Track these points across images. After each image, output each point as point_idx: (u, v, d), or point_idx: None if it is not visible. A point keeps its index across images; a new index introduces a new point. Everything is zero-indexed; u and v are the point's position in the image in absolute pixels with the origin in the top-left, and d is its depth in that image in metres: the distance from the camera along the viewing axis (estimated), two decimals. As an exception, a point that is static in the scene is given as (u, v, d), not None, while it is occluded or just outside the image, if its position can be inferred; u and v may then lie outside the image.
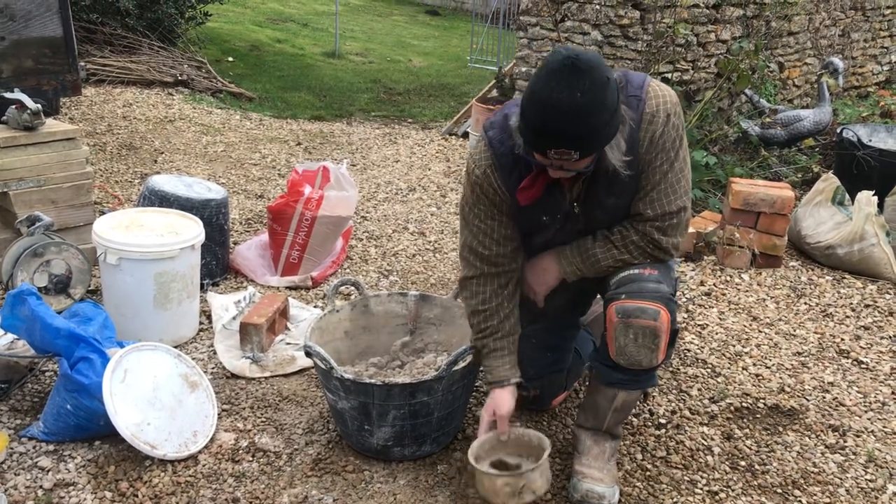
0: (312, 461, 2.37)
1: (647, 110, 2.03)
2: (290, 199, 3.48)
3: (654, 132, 2.04)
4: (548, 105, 1.83)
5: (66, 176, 3.31)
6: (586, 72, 1.81)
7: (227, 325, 3.06)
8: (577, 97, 1.80)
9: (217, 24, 10.06)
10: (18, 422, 2.46)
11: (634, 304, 2.06)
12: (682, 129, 2.10)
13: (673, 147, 2.07)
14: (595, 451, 2.29)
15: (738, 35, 5.55)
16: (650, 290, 2.08)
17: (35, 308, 2.38)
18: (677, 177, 2.10)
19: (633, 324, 2.06)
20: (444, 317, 2.71)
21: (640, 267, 2.15)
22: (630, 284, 2.11)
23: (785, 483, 2.40)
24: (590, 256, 2.20)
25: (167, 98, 6.59)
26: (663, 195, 2.11)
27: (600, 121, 1.85)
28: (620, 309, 2.07)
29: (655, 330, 2.05)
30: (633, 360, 2.11)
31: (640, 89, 2.05)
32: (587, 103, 1.81)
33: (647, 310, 2.05)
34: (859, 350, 3.23)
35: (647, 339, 2.07)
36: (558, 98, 1.81)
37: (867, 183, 4.23)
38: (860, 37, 7.26)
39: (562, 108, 1.81)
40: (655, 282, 2.10)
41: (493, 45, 10.53)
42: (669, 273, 2.19)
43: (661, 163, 2.07)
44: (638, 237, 2.15)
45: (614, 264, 2.19)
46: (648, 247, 2.15)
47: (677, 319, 2.12)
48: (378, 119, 6.97)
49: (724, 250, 3.98)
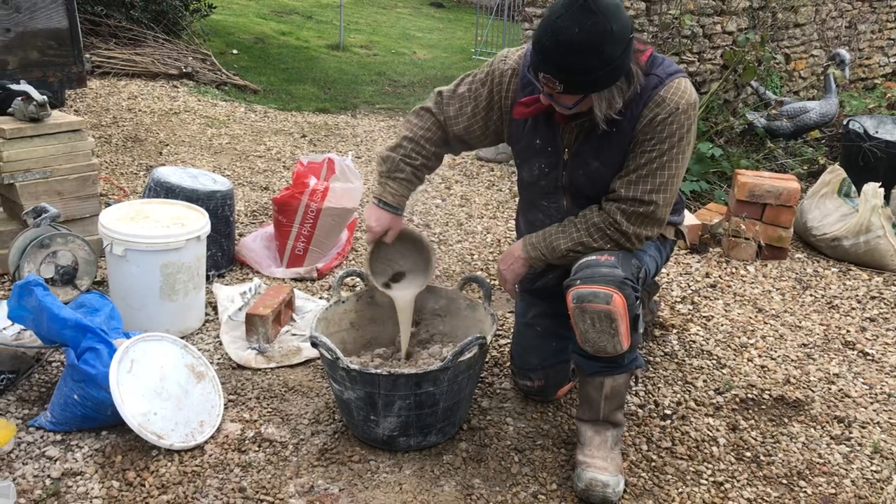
0: (318, 451, 2.38)
1: (661, 93, 2.07)
2: (296, 191, 3.48)
3: (657, 115, 2.06)
4: (549, 28, 1.93)
5: (71, 167, 3.32)
6: (593, 13, 1.88)
7: (233, 317, 3.07)
8: (574, 32, 1.88)
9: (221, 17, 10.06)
10: (26, 411, 2.47)
11: (587, 288, 2.08)
12: (685, 131, 2.10)
13: (669, 140, 2.08)
14: (597, 440, 2.29)
15: (745, 26, 5.53)
16: (602, 275, 2.09)
17: (42, 299, 2.39)
18: (661, 170, 2.11)
19: (587, 308, 2.08)
20: (450, 308, 2.72)
21: (597, 253, 2.18)
22: (585, 270, 2.13)
23: (790, 474, 2.41)
24: (552, 241, 2.25)
25: (172, 90, 6.59)
26: (641, 181, 2.13)
27: (590, 64, 1.92)
28: (575, 295, 2.09)
29: (610, 314, 2.06)
30: (598, 347, 2.13)
31: (669, 76, 2.09)
32: (581, 41, 1.89)
33: (598, 294, 2.06)
34: (865, 342, 3.23)
35: (603, 323, 2.08)
36: (559, 26, 1.90)
37: (873, 174, 4.22)
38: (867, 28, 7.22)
39: (558, 36, 1.90)
40: (610, 266, 2.11)
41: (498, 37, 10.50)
42: (629, 259, 2.19)
43: (651, 149, 2.09)
44: (599, 219, 2.17)
45: (574, 248, 2.22)
46: (609, 229, 2.17)
47: (638, 304, 2.12)
48: (383, 111, 6.96)
49: (729, 242, 3.97)
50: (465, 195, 4.74)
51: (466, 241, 4.06)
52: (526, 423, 2.57)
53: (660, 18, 4.86)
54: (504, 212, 4.49)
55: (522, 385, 2.66)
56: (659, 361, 2.98)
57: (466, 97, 2.35)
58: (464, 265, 3.77)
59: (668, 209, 2.21)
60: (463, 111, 2.35)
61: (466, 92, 2.35)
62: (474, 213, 4.47)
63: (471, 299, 2.68)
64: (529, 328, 2.59)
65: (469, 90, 2.34)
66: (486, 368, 2.85)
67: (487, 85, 2.31)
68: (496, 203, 4.62)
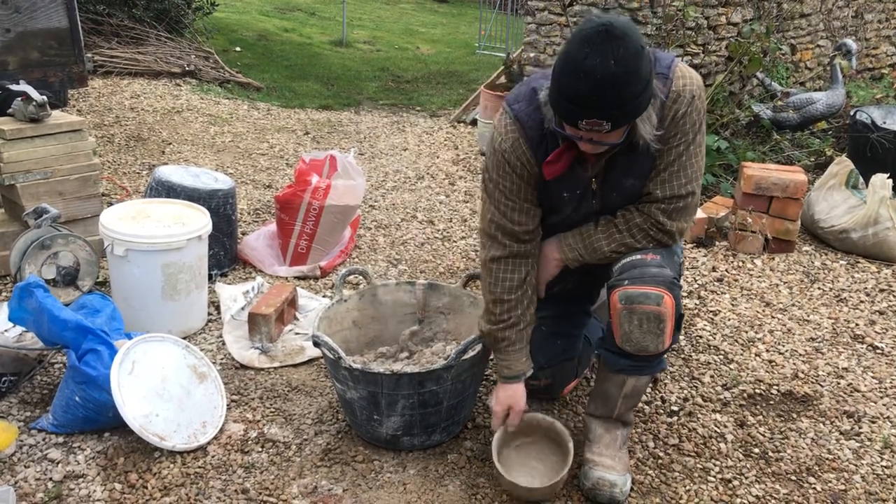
0: (322, 451, 2.36)
1: (674, 89, 2.00)
2: (298, 189, 3.46)
3: (678, 111, 2.01)
4: (581, 73, 1.78)
5: (72, 168, 3.30)
6: (620, 38, 1.76)
7: (236, 316, 3.05)
8: (610, 65, 1.75)
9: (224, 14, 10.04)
10: (28, 414, 2.46)
11: (637, 289, 2.03)
12: (702, 114, 2.06)
13: (692, 129, 2.04)
14: (606, 438, 2.26)
15: (749, 17, 5.48)
16: (652, 275, 2.05)
17: (42, 300, 2.38)
18: (691, 160, 2.07)
19: (636, 310, 2.04)
20: (453, 306, 2.69)
21: (642, 252, 2.12)
22: (632, 270, 2.08)
23: (799, 470, 2.38)
24: (592, 241, 2.18)
25: (175, 89, 6.58)
26: (674, 177, 2.08)
27: (634, 91, 1.81)
28: (623, 295, 2.05)
29: (660, 315, 2.03)
30: (640, 346, 2.09)
31: (668, 68, 2.02)
32: (621, 72, 1.76)
33: (650, 295, 2.02)
34: (874, 335, 3.19)
35: (651, 324, 2.04)
36: (592, 65, 1.76)
37: (881, 166, 4.17)
38: (874, 18, 7.16)
39: (595, 76, 1.76)
40: (658, 266, 2.07)
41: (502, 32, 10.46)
42: (672, 257, 2.15)
43: (678, 143, 2.04)
44: (642, 219, 2.12)
45: (617, 249, 2.16)
46: (652, 230, 2.12)
47: (682, 303, 2.09)
48: (386, 107, 6.94)
49: (736, 235, 3.94)
50: (468, 191, 4.71)
51: (470, 238, 4.03)
52: (531, 420, 2.55)
53: (664, 10, 4.82)
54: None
55: (528, 384, 2.63)
56: (665, 357, 2.95)
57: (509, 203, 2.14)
58: (468, 262, 3.74)
59: (700, 192, 2.17)
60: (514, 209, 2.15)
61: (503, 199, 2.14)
62: (478, 208, 4.45)
63: (475, 296, 2.65)
64: (535, 328, 2.56)
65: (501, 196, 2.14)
66: (490, 366, 2.83)
67: (510, 172, 2.11)
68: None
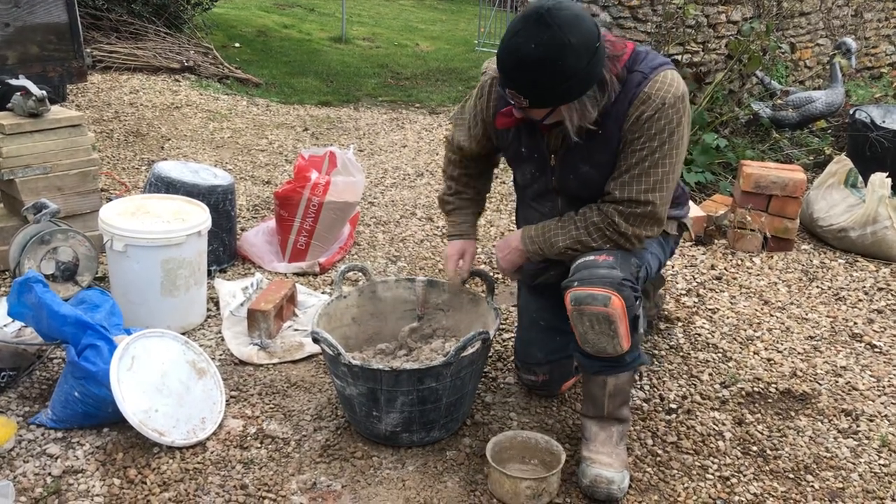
0: (321, 447, 2.36)
1: (646, 90, 2.03)
2: (297, 185, 3.46)
3: (643, 113, 2.02)
4: (508, 45, 1.91)
5: (72, 163, 3.30)
6: (549, 27, 1.85)
7: (235, 312, 3.05)
8: (531, 48, 1.86)
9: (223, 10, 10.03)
10: (27, 409, 2.46)
11: (585, 290, 2.05)
12: (675, 125, 2.05)
13: (659, 136, 2.04)
14: (602, 436, 2.27)
15: (749, 16, 5.48)
16: (600, 277, 2.06)
17: (41, 295, 2.37)
18: (655, 168, 2.07)
19: (585, 311, 2.05)
20: (453, 302, 2.69)
21: (595, 253, 2.15)
22: (582, 271, 2.10)
23: (797, 468, 2.38)
24: (551, 236, 2.23)
25: (174, 84, 6.57)
26: (634, 181, 2.09)
27: (552, 79, 1.89)
28: (573, 297, 2.07)
29: (608, 316, 2.04)
30: (598, 348, 2.11)
31: (652, 70, 2.04)
32: (539, 57, 1.86)
33: (597, 296, 2.03)
34: (872, 334, 3.20)
35: (602, 325, 2.06)
36: (516, 42, 1.89)
37: (881, 165, 4.18)
38: (873, 17, 7.16)
39: (516, 52, 1.89)
40: (608, 267, 2.08)
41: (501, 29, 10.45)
42: (628, 259, 2.16)
43: (642, 147, 2.05)
44: (599, 218, 2.14)
45: (572, 245, 2.19)
46: (608, 229, 2.13)
47: (637, 305, 2.10)
48: (385, 104, 6.93)
49: (735, 234, 3.94)
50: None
51: (470, 235, 4.03)
52: (530, 417, 2.55)
53: (664, 8, 4.82)
54: (507, 204, 4.46)
55: (526, 380, 2.64)
56: (664, 355, 2.96)
57: (464, 118, 2.42)
58: (467, 259, 3.74)
59: (666, 207, 2.17)
60: (463, 125, 2.43)
61: (462, 112, 2.43)
62: (477, 205, 4.44)
63: (474, 293, 2.66)
64: (533, 322, 2.57)
65: (463, 108, 2.43)
66: (489, 363, 2.83)
67: (476, 97, 2.35)
68: (499, 196, 4.59)
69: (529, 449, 2.29)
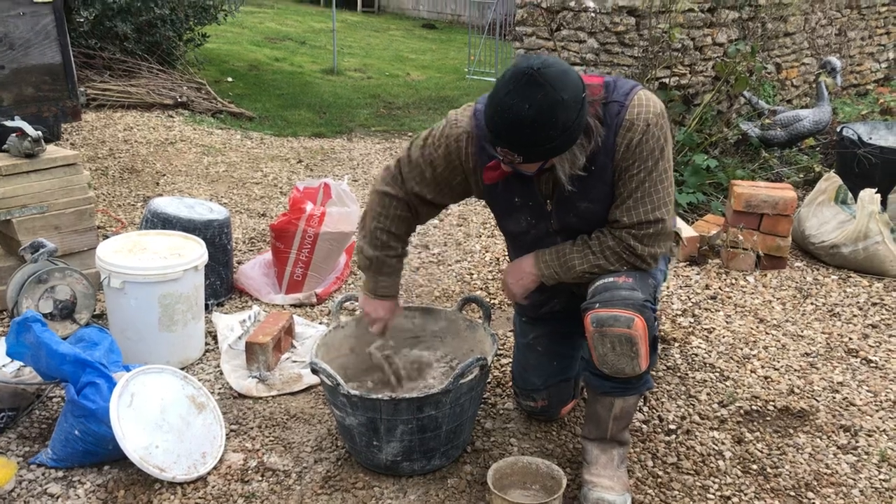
0: (322, 479, 2.36)
1: (627, 117, 2.05)
2: (293, 217, 3.48)
3: (632, 139, 2.05)
4: (498, 108, 1.91)
5: (68, 201, 3.32)
6: (541, 86, 1.86)
7: (233, 345, 3.06)
8: (524, 109, 1.86)
9: (215, 45, 10.12)
10: (27, 449, 2.46)
11: (608, 312, 2.06)
12: (663, 142, 2.09)
13: (651, 157, 2.08)
14: (603, 459, 2.27)
15: (735, 38, 5.56)
16: (622, 298, 2.07)
17: (40, 335, 2.38)
18: (655, 187, 2.11)
19: (607, 332, 2.07)
20: (450, 329, 2.71)
21: (614, 275, 2.16)
22: (604, 293, 2.11)
23: (798, 485, 2.39)
24: (567, 260, 2.22)
25: (167, 120, 6.62)
26: (640, 203, 2.11)
27: (546, 136, 1.90)
28: (595, 318, 2.08)
29: (631, 338, 2.05)
30: (616, 369, 2.12)
31: (626, 96, 2.07)
32: (533, 118, 1.87)
33: (619, 318, 2.05)
34: (868, 349, 3.21)
35: (624, 346, 2.07)
36: (509, 104, 1.88)
37: (869, 181, 4.22)
38: (857, 35, 7.26)
39: (509, 115, 1.88)
40: (629, 289, 2.10)
41: (491, 57, 10.56)
42: (646, 280, 2.18)
43: (638, 171, 2.08)
44: (614, 242, 2.16)
45: (590, 270, 2.19)
46: (625, 253, 2.15)
47: (656, 325, 2.13)
48: (378, 134, 6.99)
49: (728, 253, 3.97)
50: (462, 214, 4.75)
51: (465, 261, 4.06)
52: (530, 443, 2.56)
53: (650, 32, 4.89)
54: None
55: (525, 405, 2.65)
56: (662, 376, 2.97)
57: (422, 164, 2.28)
58: (463, 285, 3.76)
59: (672, 219, 2.21)
60: (424, 178, 2.29)
61: (420, 158, 2.27)
62: (472, 231, 4.47)
63: (470, 320, 2.67)
64: (531, 348, 2.58)
65: (422, 155, 2.27)
66: (488, 389, 2.84)
67: (442, 149, 2.23)
68: (494, 222, 4.61)
69: (531, 474, 2.29)
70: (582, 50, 4.98)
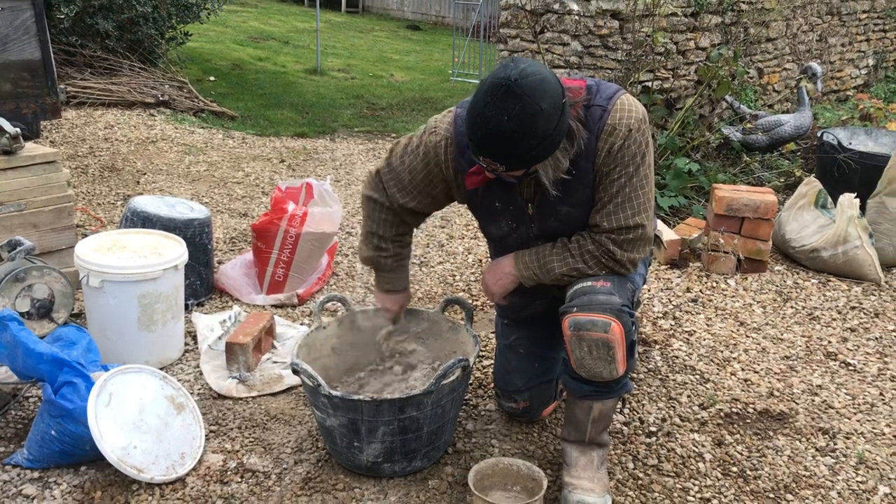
0: (302, 480, 2.35)
1: (609, 122, 2.05)
2: (274, 217, 3.47)
3: (613, 144, 2.05)
4: (478, 121, 1.91)
5: (46, 199, 3.28)
6: (519, 98, 1.85)
7: (213, 346, 3.04)
8: (503, 120, 1.86)
9: (198, 44, 10.06)
10: (2, 449, 2.42)
11: (585, 316, 2.07)
12: (645, 147, 2.10)
13: (633, 162, 2.08)
14: (583, 461, 2.28)
15: (717, 42, 5.60)
16: (600, 303, 2.08)
17: (17, 333, 2.35)
18: (636, 192, 2.11)
19: (584, 336, 2.07)
20: (432, 331, 2.70)
21: (593, 279, 2.16)
22: (581, 297, 2.12)
23: (777, 488, 2.40)
24: (546, 262, 2.22)
25: (149, 119, 6.57)
26: (619, 209, 2.12)
27: (526, 145, 1.90)
28: (572, 322, 2.08)
29: (608, 342, 2.06)
30: (593, 373, 2.12)
31: (609, 101, 2.07)
32: (512, 128, 1.87)
33: (597, 322, 2.05)
34: (846, 352, 3.24)
35: (601, 350, 2.07)
36: (487, 116, 1.88)
37: (849, 185, 4.26)
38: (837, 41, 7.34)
39: (488, 126, 1.89)
40: (607, 293, 2.10)
41: (475, 59, 10.58)
42: (625, 285, 2.18)
43: (619, 175, 2.08)
44: (594, 246, 2.16)
45: (569, 272, 2.19)
46: (603, 257, 2.15)
47: (634, 330, 2.13)
48: (362, 134, 6.97)
49: (709, 256, 3.99)
50: (444, 216, 4.74)
51: (448, 263, 4.05)
52: (511, 444, 2.56)
53: (633, 36, 4.91)
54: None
55: (507, 407, 2.65)
56: (643, 378, 2.98)
57: (402, 171, 2.29)
58: (445, 286, 3.76)
59: (651, 224, 2.21)
60: (404, 186, 2.31)
61: (400, 165, 2.29)
62: (455, 233, 4.47)
63: (453, 321, 2.67)
64: (512, 350, 2.58)
65: (402, 163, 2.29)
66: (470, 390, 2.84)
67: (422, 157, 2.25)
68: (477, 224, 4.61)
69: (511, 476, 2.29)
70: (566, 53, 4.99)
